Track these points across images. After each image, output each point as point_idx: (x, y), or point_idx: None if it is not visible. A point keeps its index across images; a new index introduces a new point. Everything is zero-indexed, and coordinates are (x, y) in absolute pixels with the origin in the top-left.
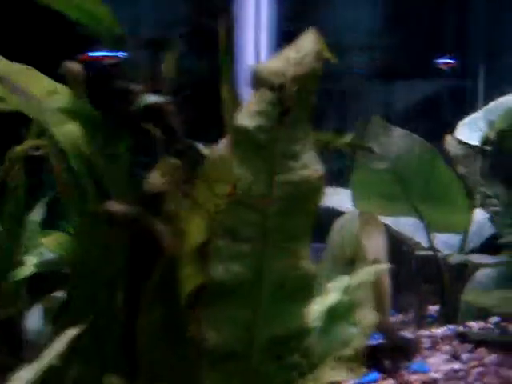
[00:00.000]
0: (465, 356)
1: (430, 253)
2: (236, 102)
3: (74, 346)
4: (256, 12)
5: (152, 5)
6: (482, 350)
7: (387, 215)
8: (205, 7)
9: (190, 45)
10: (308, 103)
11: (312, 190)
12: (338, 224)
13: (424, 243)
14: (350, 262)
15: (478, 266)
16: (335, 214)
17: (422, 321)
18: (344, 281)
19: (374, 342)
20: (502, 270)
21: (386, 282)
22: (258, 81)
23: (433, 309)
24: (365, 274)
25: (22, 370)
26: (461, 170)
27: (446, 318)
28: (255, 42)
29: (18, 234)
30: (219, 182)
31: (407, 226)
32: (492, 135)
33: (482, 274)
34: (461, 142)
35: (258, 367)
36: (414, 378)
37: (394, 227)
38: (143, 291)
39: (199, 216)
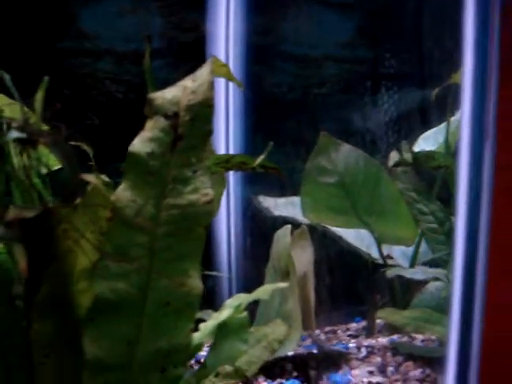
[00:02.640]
0: (391, 369)
1: (382, 263)
2: None
3: None
4: (226, 26)
5: (128, 20)
6: (409, 364)
7: (336, 227)
8: (177, 22)
9: (165, 57)
10: (202, 130)
11: (200, 213)
12: (276, 237)
13: (375, 255)
14: (285, 273)
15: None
16: (293, 224)
17: (373, 330)
18: (240, 298)
19: (303, 352)
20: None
21: (312, 295)
22: (153, 108)
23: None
24: (261, 292)
25: None
26: (399, 185)
27: (394, 328)
28: (225, 55)
29: None
30: (99, 207)
31: (359, 237)
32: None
33: (433, 286)
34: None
35: (139, 379)
36: None
37: (345, 239)
38: (34, 305)
39: (85, 238)
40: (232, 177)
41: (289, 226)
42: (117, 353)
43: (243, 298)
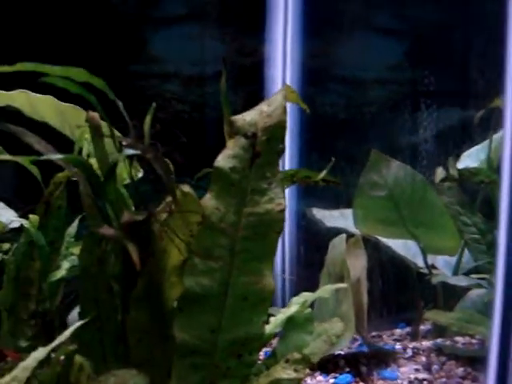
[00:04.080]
0: (435, 368)
1: (427, 273)
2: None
3: (80, 337)
4: (283, 50)
5: (194, 44)
6: (452, 363)
7: (386, 237)
8: (238, 47)
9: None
10: (276, 148)
11: (274, 220)
12: (331, 245)
13: (421, 264)
14: (340, 277)
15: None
16: (346, 234)
17: (417, 334)
18: (305, 296)
19: (355, 350)
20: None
21: (365, 300)
22: (234, 129)
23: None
24: (323, 291)
25: (35, 352)
26: (444, 199)
27: (438, 332)
28: (282, 78)
29: (59, 244)
30: (191, 213)
31: (406, 247)
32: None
33: (475, 293)
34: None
35: (219, 363)
36: (380, 383)
37: (394, 249)
38: (132, 296)
39: (178, 239)
40: (288, 190)
41: (344, 235)
42: (202, 339)
43: (308, 296)
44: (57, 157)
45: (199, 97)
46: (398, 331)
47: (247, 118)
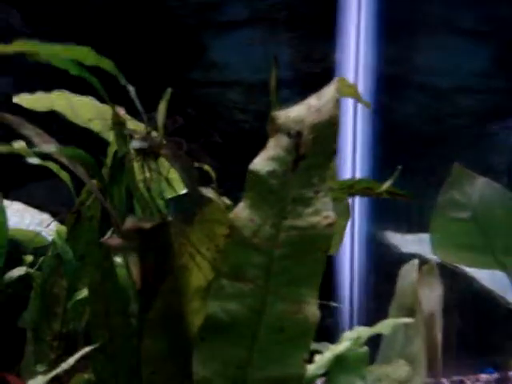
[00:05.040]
0: None
1: None
2: None
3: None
4: (356, 56)
5: (257, 50)
6: None
7: (468, 266)
8: (307, 52)
9: (292, 87)
10: (325, 150)
11: (320, 237)
12: (402, 272)
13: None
14: (411, 311)
15: None
16: (421, 261)
17: (507, 381)
18: (359, 331)
19: None
20: None
21: (439, 338)
22: (276, 126)
23: None
24: (382, 326)
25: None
26: None
27: None
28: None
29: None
30: (216, 223)
31: (493, 279)
32: None
33: None
34: None
35: None
36: None
37: (478, 280)
38: (146, 321)
39: (201, 254)
40: (357, 211)
41: (416, 261)
42: (226, 376)
43: (362, 331)
44: (49, 149)
45: (262, 106)
46: (483, 376)
47: (292, 113)
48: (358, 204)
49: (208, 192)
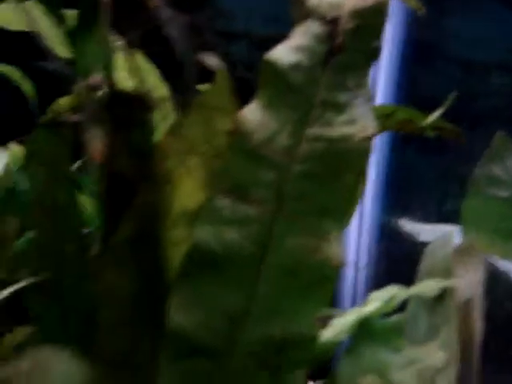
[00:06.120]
0: None
1: None
2: None
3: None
4: None
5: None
6: None
7: (503, 257)
8: None
9: None
10: (368, 44)
11: (355, 153)
12: (428, 250)
13: None
14: (439, 297)
15: None
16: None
17: None
18: (393, 291)
19: None
20: None
21: (478, 329)
22: (305, 11)
23: None
24: (426, 286)
25: None
26: None
27: None
28: None
29: None
30: (218, 113)
31: None
32: None
33: None
34: None
35: (236, 376)
36: None
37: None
38: (109, 249)
39: (194, 162)
40: (368, 197)
41: (452, 233)
42: (211, 329)
43: (398, 291)
44: None
45: None
46: None
47: None
48: (369, 189)
49: (211, 60)
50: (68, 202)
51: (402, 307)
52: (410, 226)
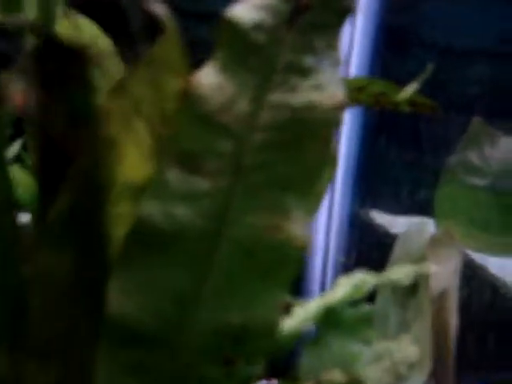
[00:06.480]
0: None
1: None
2: None
3: None
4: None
5: None
6: None
7: (479, 250)
8: None
9: None
10: (339, 3)
11: (322, 122)
12: (403, 237)
13: None
14: (412, 289)
15: None
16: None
17: None
18: (361, 277)
19: None
20: None
21: (452, 323)
22: None
23: None
24: (398, 273)
25: None
26: None
27: None
28: (350, 34)
29: None
30: (168, 71)
31: (507, 269)
32: None
33: None
34: None
35: (186, 369)
36: None
37: (489, 270)
38: (45, 225)
39: (140, 127)
40: (338, 188)
41: (427, 222)
42: (158, 317)
43: (367, 278)
44: None
45: None
46: None
47: None
48: (339, 178)
49: (159, 9)
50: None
51: (370, 297)
52: (382, 218)
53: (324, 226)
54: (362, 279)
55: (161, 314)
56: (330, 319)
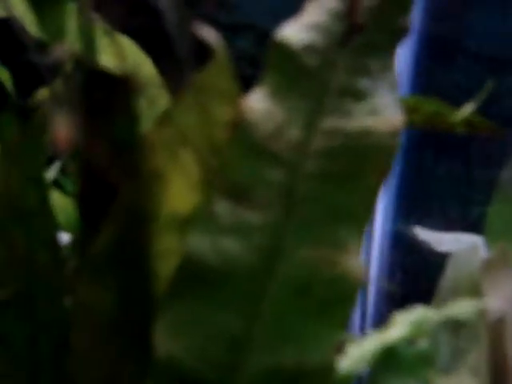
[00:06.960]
0: None
1: None
2: None
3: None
4: None
5: None
6: None
7: None
8: None
9: None
10: (393, 23)
11: (377, 149)
12: (455, 260)
13: None
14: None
15: None
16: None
17: None
18: (420, 313)
19: None
20: None
21: (511, 349)
22: None
23: None
24: (458, 308)
25: None
26: None
27: None
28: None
29: None
30: (217, 99)
31: None
32: None
33: None
34: None
35: None
36: None
37: None
38: (86, 259)
39: (187, 157)
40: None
41: (479, 244)
42: (208, 359)
43: (428, 314)
44: None
45: None
46: None
47: None
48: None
49: (210, 33)
50: (41, 205)
51: None
52: (427, 235)
53: (364, 247)
54: (422, 316)
55: (210, 356)
56: (388, 360)
